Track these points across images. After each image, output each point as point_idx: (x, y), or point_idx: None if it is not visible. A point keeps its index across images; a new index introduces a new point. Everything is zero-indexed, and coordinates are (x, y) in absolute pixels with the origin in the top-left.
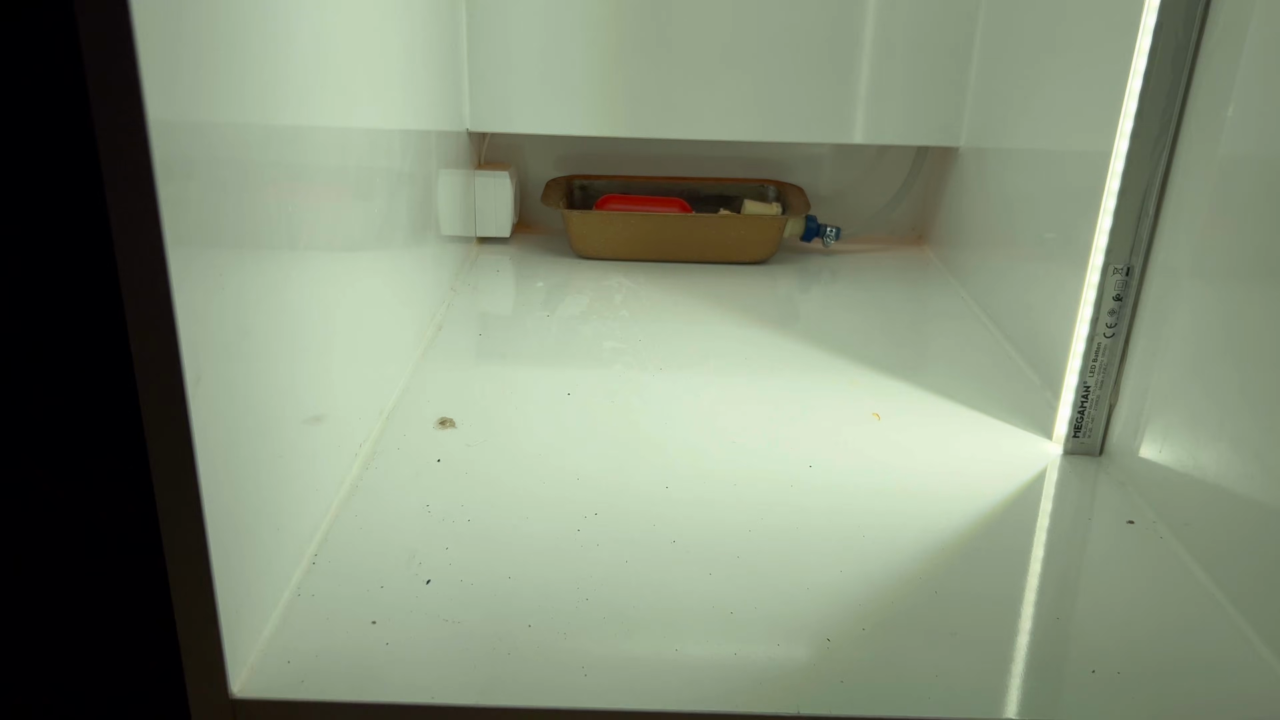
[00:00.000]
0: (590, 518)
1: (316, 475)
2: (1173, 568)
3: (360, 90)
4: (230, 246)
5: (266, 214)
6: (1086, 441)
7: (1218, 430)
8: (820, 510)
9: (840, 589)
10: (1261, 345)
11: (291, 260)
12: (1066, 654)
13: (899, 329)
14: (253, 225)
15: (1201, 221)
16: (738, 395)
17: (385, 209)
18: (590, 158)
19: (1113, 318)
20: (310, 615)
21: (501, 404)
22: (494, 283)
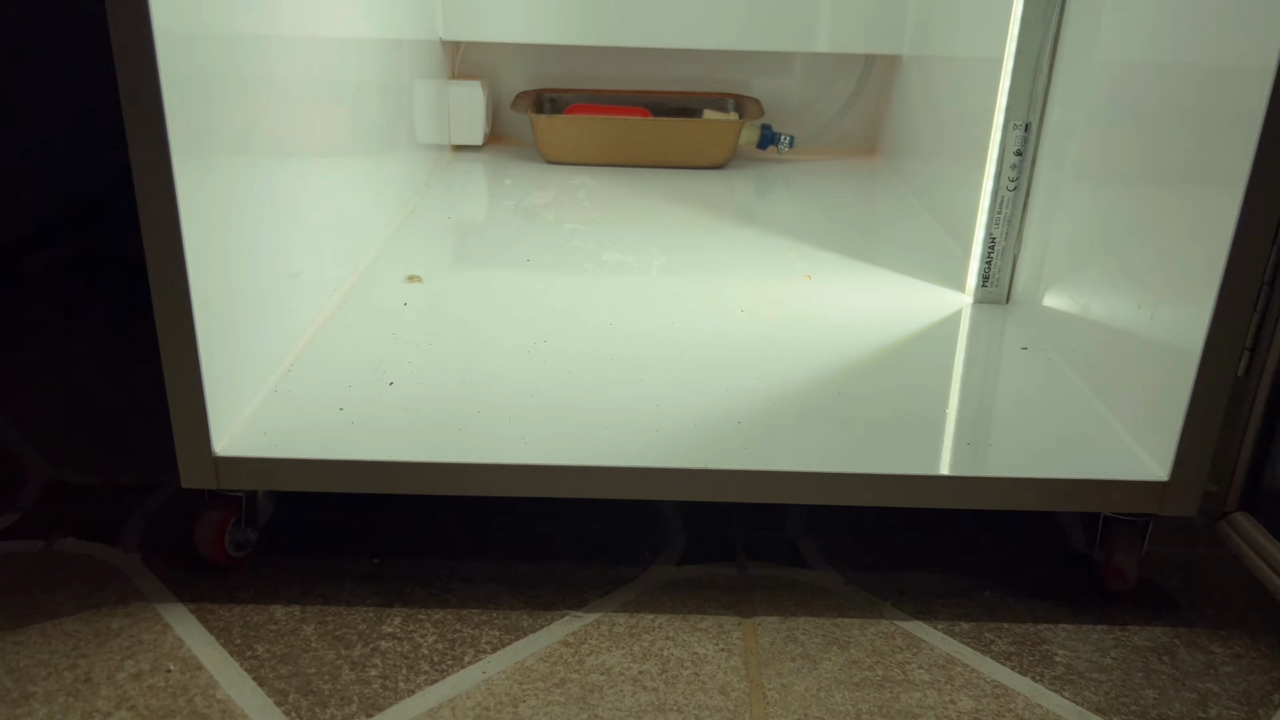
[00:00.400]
0: (540, 344)
1: (294, 309)
2: (1057, 379)
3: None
4: (227, 148)
5: (257, 118)
6: (994, 291)
7: (1105, 275)
8: (746, 339)
9: (755, 390)
10: (1144, 199)
11: (275, 153)
12: (945, 432)
13: (844, 220)
14: (245, 127)
15: (1092, 80)
16: (684, 265)
17: (362, 115)
18: (559, 72)
19: (1014, 171)
20: (285, 403)
21: (466, 267)
22: (466, 182)
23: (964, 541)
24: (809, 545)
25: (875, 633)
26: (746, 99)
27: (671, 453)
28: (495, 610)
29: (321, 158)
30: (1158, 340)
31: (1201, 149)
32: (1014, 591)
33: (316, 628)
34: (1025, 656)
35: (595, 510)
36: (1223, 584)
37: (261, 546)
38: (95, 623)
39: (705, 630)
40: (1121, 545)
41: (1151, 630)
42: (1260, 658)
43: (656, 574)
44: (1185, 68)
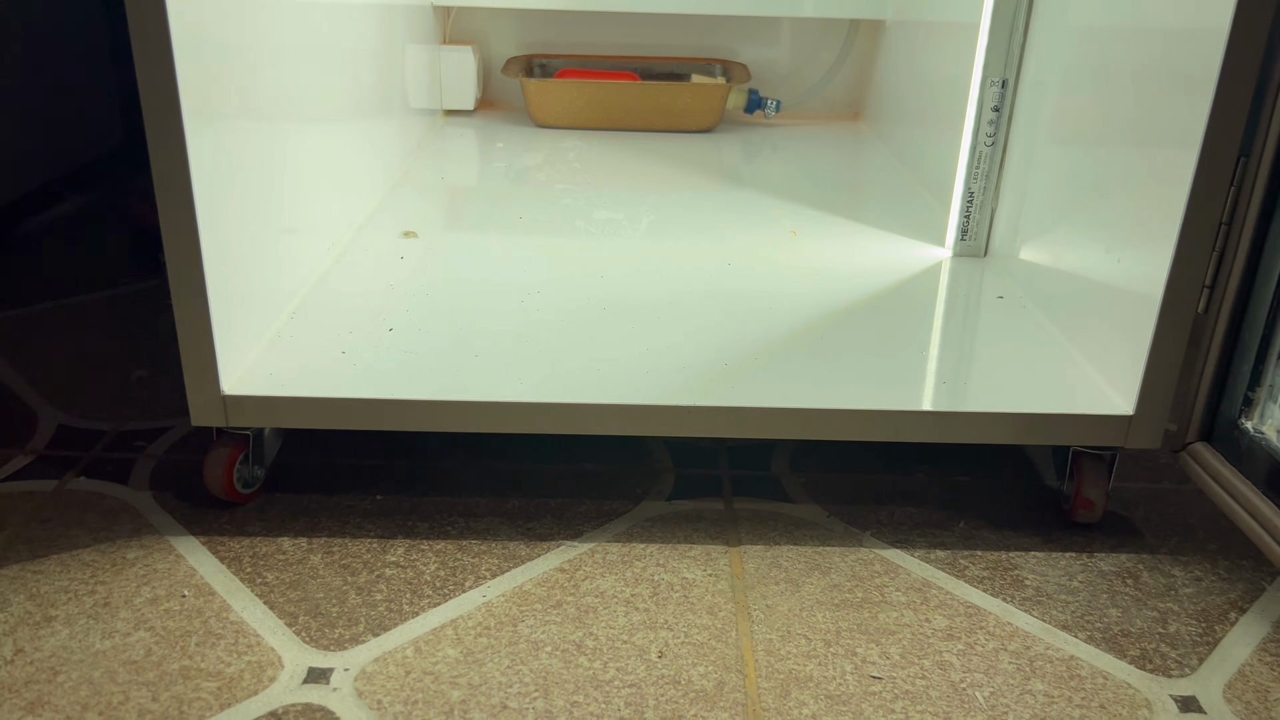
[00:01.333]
0: (533, 294)
1: (295, 262)
2: (1030, 324)
3: None
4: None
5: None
6: (972, 244)
7: (1077, 228)
8: (733, 290)
9: (741, 336)
10: (1112, 154)
11: (274, 114)
12: (925, 372)
13: (828, 181)
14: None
15: (1064, 42)
16: (672, 222)
17: (356, 79)
18: (549, 38)
19: (992, 127)
20: (289, 347)
21: (459, 224)
22: (458, 145)
23: (941, 479)
24: (793, 482)
25: (855, 559)
26: (734, 64)
27: (661, 391)
28: (494, 541)
29: (318, 120)
30: (1124, 285)
31: (1163, 106)
32: (988, 523)
33: (323, 557)
34: (997, 580)
35: (588, 451)
36: (1185, 515)
37: (268, 485)
38: (111, 553)
39: (694, 558)
40: (1090, 478)
41: (1116, 557)
42: (1218, 580)
43: (648, 508)
44: (1147, 31)
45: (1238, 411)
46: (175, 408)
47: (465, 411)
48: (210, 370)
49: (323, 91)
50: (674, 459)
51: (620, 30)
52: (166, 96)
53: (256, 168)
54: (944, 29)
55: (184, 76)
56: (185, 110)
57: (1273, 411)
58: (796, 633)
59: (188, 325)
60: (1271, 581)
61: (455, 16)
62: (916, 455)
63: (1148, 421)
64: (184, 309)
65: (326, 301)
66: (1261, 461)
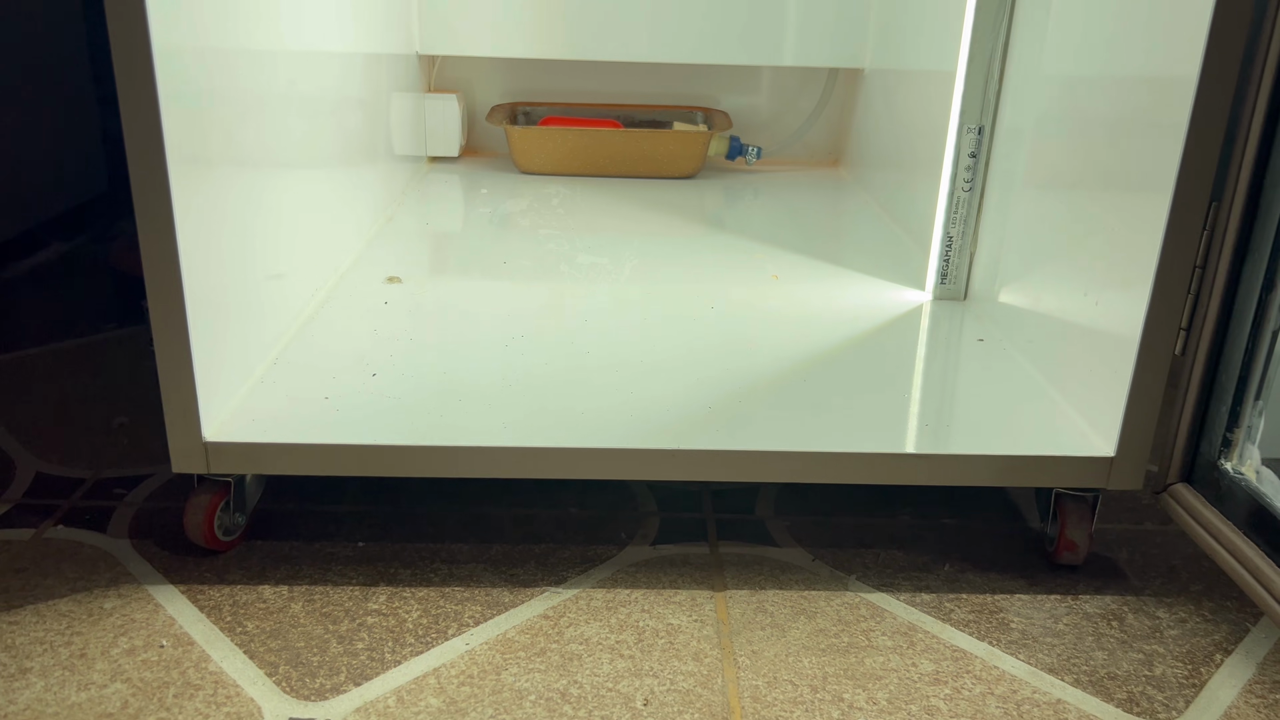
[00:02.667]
0: (517, 339)
1: (279, 307)
2: (1011, 366)
3: (316, 18)
4: (216, 156)
5: (244, 128)
6: (952, 287)
7: (1055, 272)
8: (716, 333)
9: (725, 379)
10: (1088, 199)
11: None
12: (907, 414)
13: (809, 226)
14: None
15: (1039, 90)
16: (655, 267)
17: (342, 126)
18: (533, 86)
19: (969, 173)
20: (272, 393)
21: (443, 269)
22: (442, 191)
23: (925, 521)
24: (777, 526)
25: (841, 604)
26: (715, 112)
27: (645, 435)
28: (477, 588)
29: (303, 167)
30: (1102, 327)
31: (1135, 152)
32: (972, 565)
33: (304, 605)
34: (983, 623)
35: (572, 495)
36: (1168, 556)
37: (249, 533)
38: (88, 603)
39: (679, 603)
40: (1073, 520)
41: (1101, 599)
42: (1203, 622)
43: (632, 553)
44: (1119, 79)
45: (1217, 452)
46: (156, 454)
47: (449, 456)
48: (192, 416)
49: (308, 139)
50: (658, 503)
51: (603, 79)
52: (152, 143)
53: (241, 214)
54: (921, 77)
55: (169, 124)
56: (170, 157)
57: (1251, 452)
58: (783, 678)
59: (170, 371)
60: (1255, 623)
61: (440, 65)
62: (900, 497)
63: (1129, 463)
64: (166, 355)
65: (310, 347)
66: (1242, 502)
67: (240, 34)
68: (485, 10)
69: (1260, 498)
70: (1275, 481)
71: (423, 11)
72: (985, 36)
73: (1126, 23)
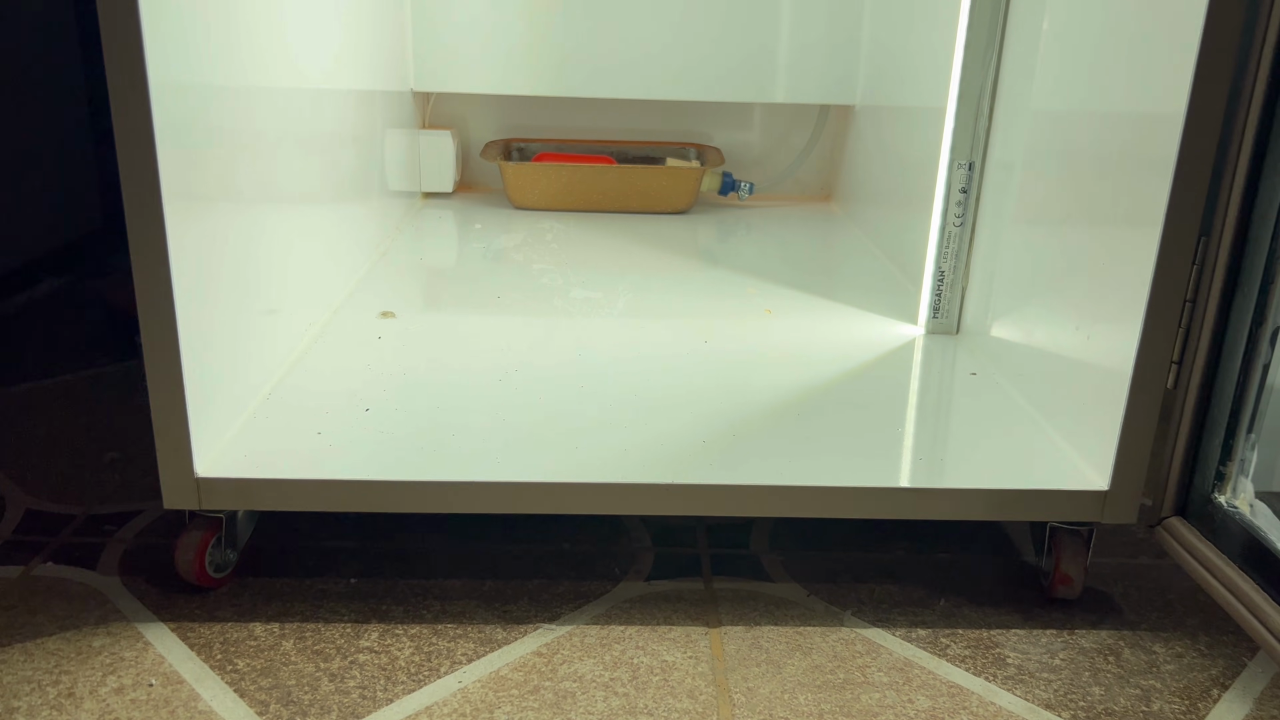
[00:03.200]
0: (511, 373)
1: (272, 343)
2: (1004, 400)
3: (313, 56)
4: (211, 193)
5: (240, 164)
6: (944, 322)
7: (1047, 306)
8: (710, 367)
9: (719, 413)
10: (1078, 234)
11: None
12: (901, 448)
13: (801, 261)
14: (228, 173)
15: (1028, 126)
16: (649, 301)
17: (336, 163)
18: (527, 123)
19: (960, 208)
20: (264, 428)
21: (437, 304)
22: (436, 226)
23: (921, 556)
24: (772, 561)
25: (836, 639)
26: (708, 148)
27: (639, 470)
28: (470, 624)
29: (297, 203)
30: (1094, 361)
31: (1125, 188)
32: (968, 600)
33: (295, 643)
34: (979, 659)
35: (566, 531)
36: (1164, 590)
37: (240, 569)
38: (76, 641)
39: (674, 640)
40: (1068, 554)
41: (1097, 633)
42: (1200, 657)
43: (626, 589)
44: (1107, 115)
45: (1211, 486)
46: (148, 490)
47: (442, 492)
48: (184, 452)
49: (303, 175)
50: (653, 538)
51: (596, 115)
52: (147, 180)
53: (235, 250)
54: (911, 113)
55: (165, 160)
56: (165, 193)
57: (1245, 486)
58: (778, 716)
59: (162, 407)
60: (1252, 657)
61: (435, 102)
62: (895, 531)
63: (1123, 496)
64: (159, 390)
65: (303, 382)
66: (1236, 536)
67: (236, 71)
68: (479, 48)
69: (1254, 531)
70: (1269, 515)
71: (417, 49)
72: (975, 73)
73: (1114, 59)
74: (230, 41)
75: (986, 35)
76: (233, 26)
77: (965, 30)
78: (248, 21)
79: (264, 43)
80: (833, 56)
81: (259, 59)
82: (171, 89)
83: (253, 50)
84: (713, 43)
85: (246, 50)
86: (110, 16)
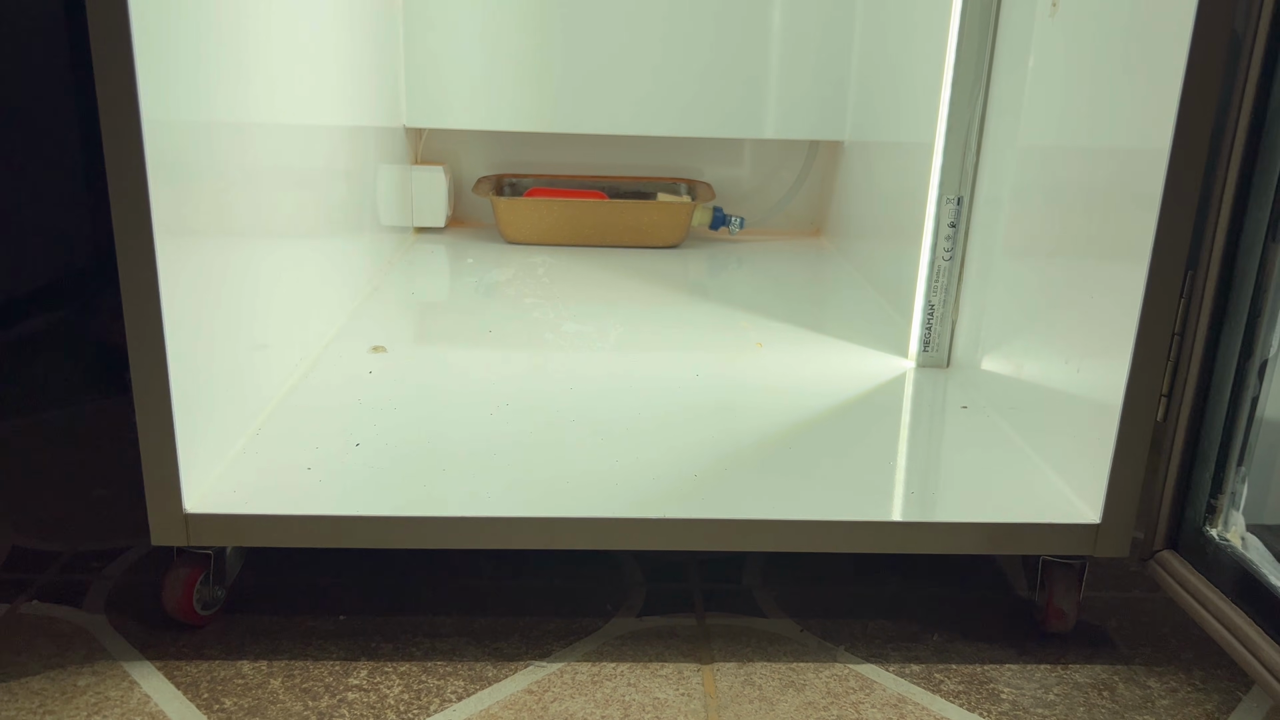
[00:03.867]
0: (502, 407)
1: (263, 377)
2: (995, 433)
3: (307, 92)
4: (203, 228)
5: (232, 200)
6: (935, 355)
7: (1037, 339)
8: (701, 401)
9: (710, 447)
10: (1066, 268)
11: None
12: (893, 482)
13: (792, 294)
14: (220, 209)
15: (1015, 161)
16: (640, 334)
17: (329, 198)
18: (519, 159)
19: (949, 243)
20: (254, 463)
21: (428, 338)
22: (428, 261)
23: (913, 591)
24: (765, 596)
25: (830, 675)
26: (698, 183)
27: (631, 504)
28: (460, 662)
29: (290, 238)
30: (1084, 394)
31: (1112, 222)
32: (962, 635)
33: (284, 681)
34: (973, 694)
35: (558, 566)
36: (1157, 624)
37: (228, 607)
38: (61, 681)
39: (665, 676)
40: (1060, 588)
41: (1091, 668)
42: (1194, 691)
43: (618, 625)
44: (1093, 150)
45: (1202, 519)
46: (135, 527)
47: (432, 527)
48: (172, 488)
49: (295, 210)
50: (645, 573)
51: (588, 151)
52: (139, 215)
53: (226, 285)
54: (900, 149)
55: (157, 196)
56: (157, 229)
57: (1236, 519)
58: None
59: (151, 442)
60: (1247, 692)
61: (427, 138)
62: (888, 565)
63: (1115, 530)
64: (147, 426)
65: (293, 417)
66: (1229, 569)
67: (229, 107)
68: (471, 84)
69: (1247, 564)
70: (1260, 548)
71: (410, 85)
72: (962, 109)
73: (1099, 96)
74: (223, 77)
75: (973, 72)
76: (225, 62)
77: (952, 67)
78: (240, 57)
79: (256, 78)
80: (822, 93)
81: (251, 95)
82: (164, 125)
83: (245, 86)
84: (703, 79)
85: (239, 86)
86: (103, 53)
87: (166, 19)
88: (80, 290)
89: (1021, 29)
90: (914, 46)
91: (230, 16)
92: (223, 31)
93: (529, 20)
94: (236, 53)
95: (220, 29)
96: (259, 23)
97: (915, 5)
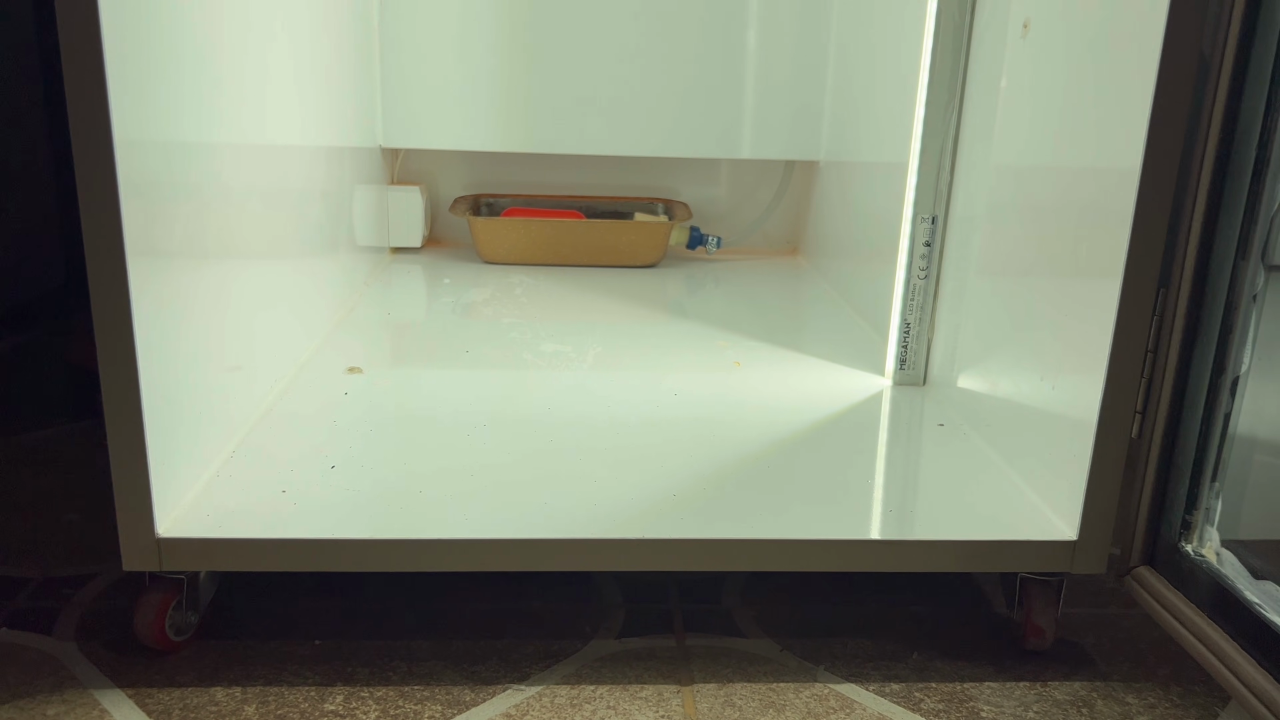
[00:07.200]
0: (479, 428)
1: (237, 399)
2: (972, 451)
3: (282, 112)
4: (176, 249)
5: (206, 220)
6: (911, 373)
7: (1012, 357)
8: (679, 420)
9: (689, 467)
10: (1040, 286)
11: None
12: (870, 500)
13: (769, 313)
14: (194, 229)
15: (989, 180)
16: (618, 354)
17: (304, 218)
18: (496, 179)
19: (924, 261)
20: (228, 487)
21: (405, 359)
22: (404, 281)
23: (892, 610)
24: (745, 615)
25: (810, 695)
26: (675, 203)
27: (609, 524)
28: (438, 686)
29: (265, 259)
30: (1060, 411)
31: (1085, 241)
32: (941, 653)
33: (258, 708)
34: (953, 713)
35: (536, 588)
36: (1135, 640)
37: (201, 632)
38: (30, 710)
39: (645, 699)
40: (1038, 605)
41: (1070, 685)
42: (1172, 707)
43: (597, 647)
44: (1065, 169)
45: (1177, 535)
46: (107, 551)
47: (409, 550)
48: (145, 512)
49: (270, 231)
50: (623, 593)
51: (565, 171)
52: (111, 236)
53: (200, 306)
54: (875, 169)
55: (129, 216)
56: (129, 250)
57: (1211, 534)
58: None
59: (123, 466)
60: (1224, 707)
61: (403, 158)
62: (867, 584)
63: (1091, 546)
64: (119, 449)
65: (268, 439)
66: (1204, 585)
67: (202, 127)
68: (448, 104)
69: (1222, 580)
70: (1235, 564)
71: (386, 105)
72: (936, 129)
73: (1070, 116)
74: (197, 97)
75: (947, 93)
76: (199, 82)
77: (926, 88)
78: (214, 77)
79: (231, 98)
80: (797, 113)
81: (226, 115)
82: (136, 145)
83: (220, 106)
84: (680, 100)
85: (213, 106)
86: (75, 71)
87: (139, 38)
88: (51, 312)
89: (994, 50)
90: (888, 67)
91: (204, 36)
92: (197, 51)
93: (506, 41)
94: (211, 72)
95: (194, 48)
96: (234, 42)
97: (889, 27)
